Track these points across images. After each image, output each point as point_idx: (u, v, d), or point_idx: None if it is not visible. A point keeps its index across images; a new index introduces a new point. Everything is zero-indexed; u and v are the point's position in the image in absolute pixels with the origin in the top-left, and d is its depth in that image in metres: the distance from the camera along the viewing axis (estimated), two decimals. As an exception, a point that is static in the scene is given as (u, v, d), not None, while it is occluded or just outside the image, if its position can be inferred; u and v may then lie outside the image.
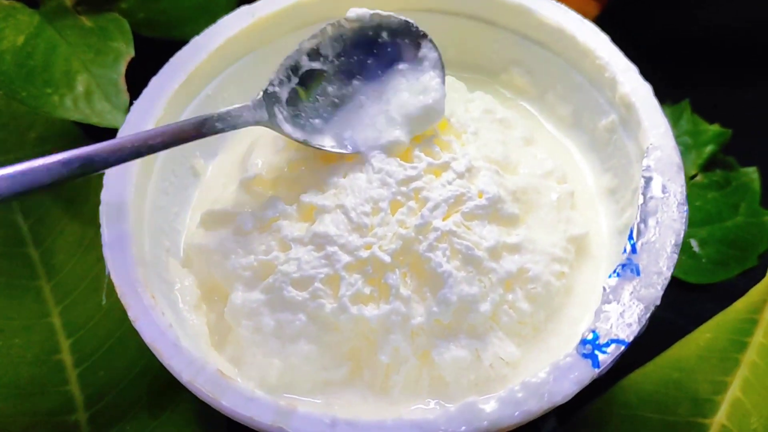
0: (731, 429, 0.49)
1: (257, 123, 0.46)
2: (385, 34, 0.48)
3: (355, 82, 0.48)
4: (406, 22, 0.48)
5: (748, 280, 0.55)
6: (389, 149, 0.47)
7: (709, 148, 0.63)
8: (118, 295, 0.44)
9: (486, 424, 0.39)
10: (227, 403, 0.40)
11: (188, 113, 0.53)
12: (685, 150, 0.64)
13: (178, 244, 0.51)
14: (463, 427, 0.39)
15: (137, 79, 0.54)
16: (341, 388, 0.45)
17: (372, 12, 0.47)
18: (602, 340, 0.41)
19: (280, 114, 0.47)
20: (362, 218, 0.44)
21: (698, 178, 0.62)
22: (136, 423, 0.51)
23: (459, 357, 0.44)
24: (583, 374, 0.40)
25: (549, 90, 0.56)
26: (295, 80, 0.47)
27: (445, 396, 0.44)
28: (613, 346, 0.41)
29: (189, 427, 0.51)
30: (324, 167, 0.47)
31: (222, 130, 0.45)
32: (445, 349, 0.44)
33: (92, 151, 0.41)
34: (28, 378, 0.52)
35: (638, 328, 0.42)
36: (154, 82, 0.51)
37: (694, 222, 0.61)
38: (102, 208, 0.46)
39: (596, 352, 0.41)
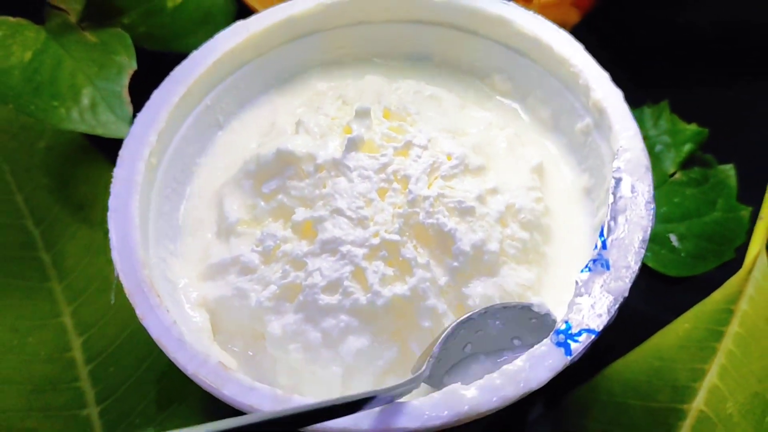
0: (708, 414, 0.50)
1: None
2: (529, 321, 0.48)
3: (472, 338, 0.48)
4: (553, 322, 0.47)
5: (725, 272, 0.56)
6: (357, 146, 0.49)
7: (687, 147, 0.64)
8: (127, 295, 0.46)
9: (467, 408, 0.41)
10: (228, 392, 0.42)
11: (189, 123, 0.55)
12: (664, 149, 0.65)
13: (181, 246, 0.53)
14: (446, 411, 0.41)
15: (140, 91, 0.56)
16: (397, 373, 0.46)
17: (549, 312, 0.47)
18: (574, 330, 0.43)
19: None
20: (359, 213, 0.47)
21: (677, 175, 0.63)
22: (145, 416, 0.52)
23: (487, 295, 0.47)
24: (557, 362, 0.42)
25: (530, 94, 0.58)
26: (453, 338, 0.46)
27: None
28: (584, 335, 0.43)
29: (195, 418, 0.52)
30: (300, 186, 0.49)
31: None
32: (474, 294, 0.46)
33: None
34: (41, 375, 0.54)
35: (608, 318, 0.44)
36: (156, 95, 0.53)
37: (673, 217, 0.62)
38: (110, 215, 0.48)
39: (569, 341, 0.43)
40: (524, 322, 0.47)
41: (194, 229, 0.53)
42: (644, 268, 0.60)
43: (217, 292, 0.49)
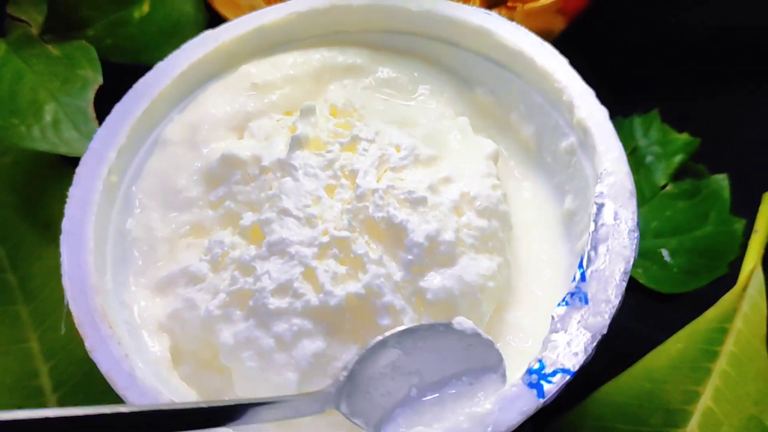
0: None
1: (325, 411, 0.43)
2: (467, 348, 0.45)
3: (413, 378, 0.46)
4: (496, 352, 0.45)
5: (719, 288, 0.56)
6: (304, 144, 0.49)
7: (678, 158, 0.64)
8: (76, 325, 0.44)
9: None
10: None
11: (152, 139, 0.53)
12: (655, 159, 0.64)
13: (137, 266, 0.51)
14: None
15: (106, 107, 0.53)
16: None
17: (475, 330, 0.44)
18: (548, 370, 0.41)
19: (350, 399, 0.44)
20: (307, 211, 0.46)
21: (668, 187, 0.63)
22: None
23: (446, 287, 0.45)
24: (528, 404, 0.41)
25: (512, 110, 0.56)
26: (372, 362, 0.44)
27: None
28: (558, 375, 0.41)
29: None
30: (246, 191, 0.49)
31: (289, 418, 0.42)
32: (432, 287, 0.45)
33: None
34: (5, 404, 0.52)
35: (584, 357, 0.42)
36: (117, 108, 0.52)
37: (664, 232, 0.61)
38: (62, 238, 0.47)
39: (542, 381, 0.41)
40: (460, 351, 0.45)
41: (149, 248, 0.51)
42: (635, 285, 0.59)
43: (169, 308, 0.48)
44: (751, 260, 0.57)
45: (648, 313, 0.58)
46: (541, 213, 0.54)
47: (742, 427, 0.50)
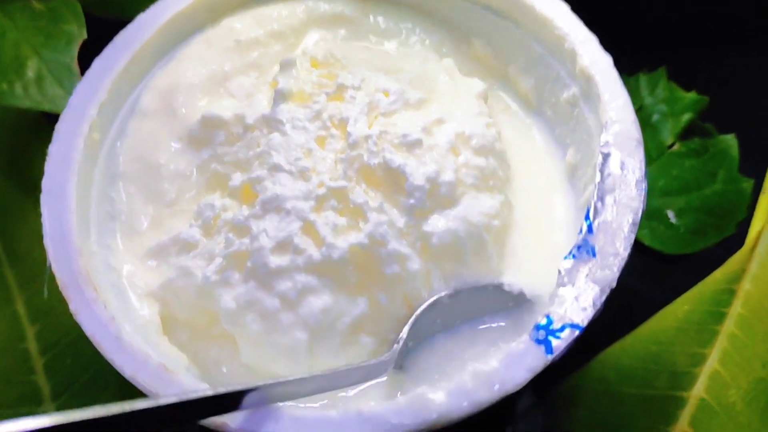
0: (709, 401, 0.48)
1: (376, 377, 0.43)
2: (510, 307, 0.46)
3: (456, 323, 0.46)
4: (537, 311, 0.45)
5: (727, 249, 0.54)
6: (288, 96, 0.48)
7: (686, 116, 0.62)
8: (60, 288, 0.43)
9: (435, 416, 0.38)
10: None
11: (136, 95, 0.51)
12: (661, 118, 0.63)
13: (124, 228, 0.49)
14: (412, 419, 0.38)
15: (91, 63, 0.52)
16: (368, 330, 0.44)
17: (520, 290, 0.45)
18: (556, 325, 0.40)
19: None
20: (299, 165, 0.45)
21: (675, 146, 0.61)
22: None
23: (451, 229, 0.44)
24: (536, 361, 0.39)
25: (511, 62, 0.54)
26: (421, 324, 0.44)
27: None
28: (567, 330, 0.40)
29: None
30: (232, 151, 0.48)
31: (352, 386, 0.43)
32: (437, 230, 0.44)
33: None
34: None
35: (593, 312, 0.41)
36: (97, 63, 0.50)
37: (671, 191, 0.60)
38: (43, 198, 0.45)
39: (549, 337, 0.40)
40: (499, 305, 0.44)
41: (136, 210, 0.50)
42: (640, 246, 0.58)
43: (161, 278, 0.46)
44: (760, 220, 0.56)
45: (654, 275, 0.57)
46: (543, 167, 0.52)
47: (750, 390, 0.48)
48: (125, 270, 0.47)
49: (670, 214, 0.59)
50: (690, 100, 0.62)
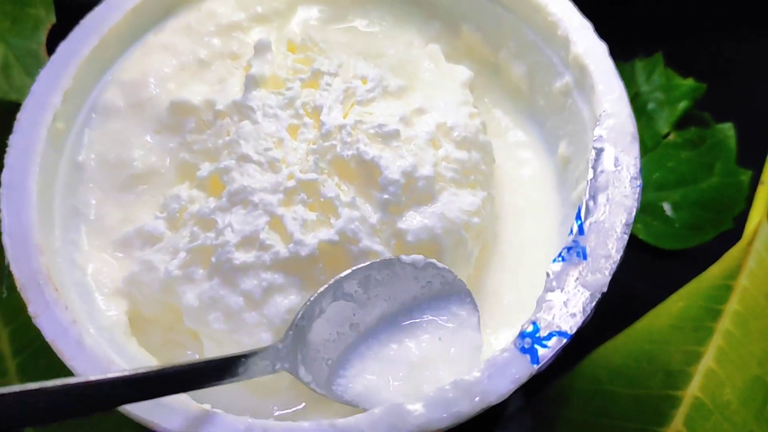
0: (704, 401, 0.48)
1: (276, 370, 0.40)
2: (431, 285, 0.43)
3: (376, 325, 0.43)
4: (460, 281, 0.43)
5: (723, 244, 0.54)
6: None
7: (682, 104, 0.61)
8: (18, 288, 0.41)
9: (412, 430, 0.36)
10: (131, 407, 0.37)
11: (103, 83, 0.49)
12: (657, 107, 0.62)
13: (89, 224, 0.48)
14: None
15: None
16: None
17: (427, 261, 0.42)
18: (543, 333, 0.38)
19: (299, 355, 0.41)
20: (269, 155, 0.43)
21: (671, 136, 0.61)
22: None
23: (428, 227, 0.43)
24: (521, 371, 0.38)
25: (501, 48, 0.53)
26: (322, 312, 0.41)
27: None
28: (554, 339, 0.38)
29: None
30: (201, 139, 0.46)
31: (239, 380, 0.39)
32: (412, 227, 0.43)
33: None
34: None
35: (582, 319, 0.39)
36: (62, 48, 0.48)
37: (667, 184, 0.59)
38: (2, 192, 0.43)
39: (536, 346, 0.38)
40: (419, 290, 0.42)
41: (103, 205, 0.48)
42: (635, 241, 0.57)
43: (125, 272, 0.45)
44: (757, 213, 0.55)
45: (648, 271, 0.56)
46: (533, 160, 0.51)
47: (745, 389, 0.48)
48: (90, 268, 0.45)
49: (666, 207, 0.58)
50: (687, 87, 0.62)
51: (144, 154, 0.48)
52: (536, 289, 0.41)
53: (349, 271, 0.41)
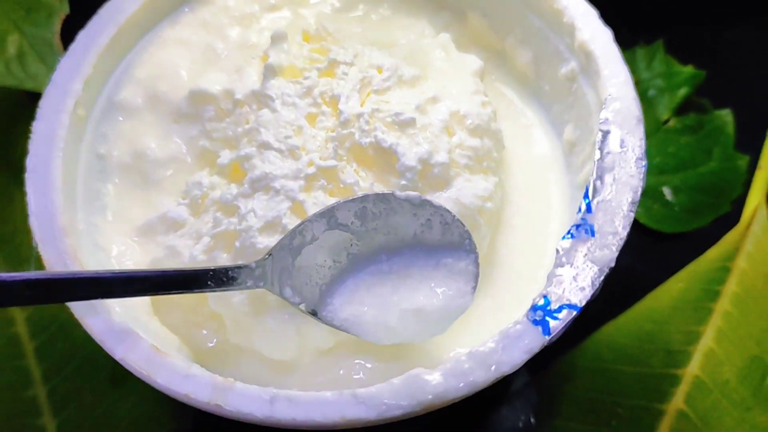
0: (704, 379, 0.49)
1: (250, 287, 0.41)
2: (430, 224, 0.43)
3: (374, 258, 0.43)
4: (460, 223, 0.42)
5: (722, 227, 0.55)
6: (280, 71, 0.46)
7: (682, 91, 0.61)
8: (46, 268, 0.42)
9: (431, 398, 0.37)
10: (162, 380, 0.39)
11: (121, 70, 0.50)
12: (658, 93, 0.62)
13: (111, 206, 0.48)
14: (407, 401, 0.37)
15: (74, 39, 0.50)
16: None
17: (423, 198, 0.42)
18: (554, 306, 0.39)
19: (286, 277, 0.41)
20: (289, 143, 0.44)
21: (671, 122, 0.61)
22: (98, 394, 0.50)
23: None
24: (533, 342, 0.39)
25: (508, 35, 0.53)
26: (315, 239, 0.42)
27: None
28: (564, 311, 0.39)
29: (152, 393, 0.47)
30: (221, 127, 0.47)
31: (213, 290, 0.40)
32: None
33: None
34: None
35: (591, 292, 0.40)
36: (81, 36, 0.49)
37: (667, 169, 0.59)
38: (27, 176, 0.44)
39: (547, 318, 0.39)
40: (418, 227, 0.42)
41: (123, 187, 0.49)
42: (636, 225, 0.55)
43: (149, 257, 0.46)
44: (755, 197, 0.56)
45: (649, 254, 0.56)
46: (539, 144, 0.51)
47: (744, 368, 0.49)
48: (114, 250, 0.46)
49: (666, 191, 0.58)
50: (687, 74, 0.62)
51: (164, 143, 0.48)
52: (545, 264, 0.42)
53: (341, 200, 0.42)
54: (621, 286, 0.48)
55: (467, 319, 0.43)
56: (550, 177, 0.50)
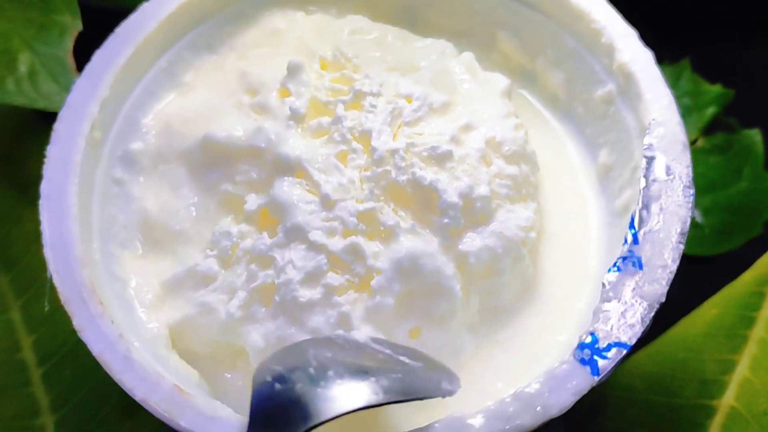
0: (740, 410, 0.48)
1: None
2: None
3: None
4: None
5: (754, 250, 0.53)
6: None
7: (710, 110, 0.61)
8: (62, 302, 0.41)
9: None
10: (186, 423, 0.37)
11: (140, 90, 0.49)
12: (685, 112, 0.61)
13: (133, 236, 0.47)
14: None
15: (86, 56, 0.49)
16: None
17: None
18: (602, 344, 0.38)
19: None
20: (322, 187, 0.42)
21: (699, 142, 0.60)
22: (107, 424, 0.49)
23: (488, 247, 0.42)
24: (582, 383, 0.37)
25: (539, 55, 0.52)
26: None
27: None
28: (614, 350, 0.38)
29: (165, 426, 0.47)
30: (244, 169, 0.44)
31: None
32: (473, 249, 0.42)
33: None
34: None
35: (641, 329, 0.39)
36: (98, 56, 0.47)
37: (696, 190, 0.58)
38: (42, 203, 0.43)
39: (595, 357, 0.38)
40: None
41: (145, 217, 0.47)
42: None
43: (178, 314, 0.44)
44: None
45: (679, 278, 0.54)
46: (572, 169, 0.50)
47: None
48: (133, 282, 0.45)
49: (696, 213, 0.57)
50: (715, 93, 0.61)
51: (183, 194, 0.46)
52: (583, 295, 0.41)
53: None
54: (652, 312, 0.47)
55: (502, 351, 0.42)
56: (585, 203, 0.49)
